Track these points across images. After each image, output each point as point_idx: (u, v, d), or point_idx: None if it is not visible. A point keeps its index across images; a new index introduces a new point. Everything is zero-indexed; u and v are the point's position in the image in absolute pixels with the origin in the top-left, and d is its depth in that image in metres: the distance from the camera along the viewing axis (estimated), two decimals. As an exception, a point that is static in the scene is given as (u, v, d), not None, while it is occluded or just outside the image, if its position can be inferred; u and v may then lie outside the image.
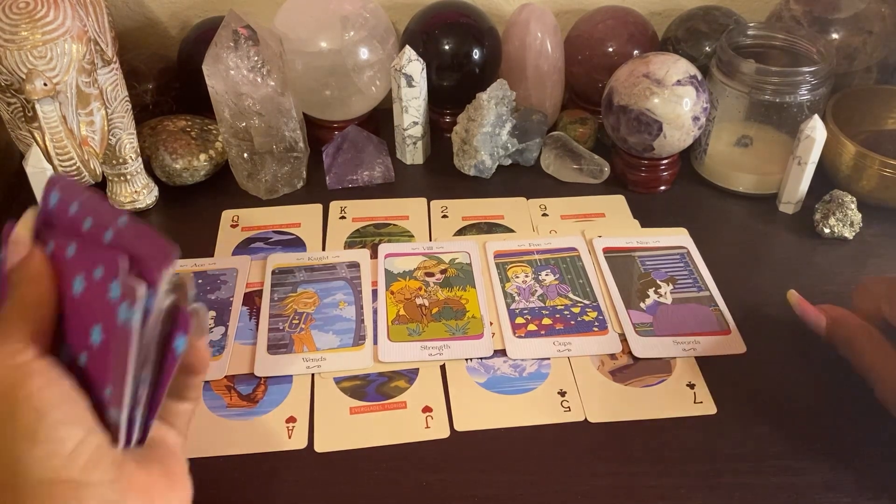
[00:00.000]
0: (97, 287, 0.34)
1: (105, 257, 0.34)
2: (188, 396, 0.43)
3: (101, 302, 0.34)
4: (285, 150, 0.71)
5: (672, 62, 0.68)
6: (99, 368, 0.35)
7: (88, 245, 0.35)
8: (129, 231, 0.35)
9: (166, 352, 0.36)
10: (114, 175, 0.69)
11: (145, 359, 0.35)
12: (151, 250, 0.34)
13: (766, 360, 0.58)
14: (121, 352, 0.34)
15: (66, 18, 0.55)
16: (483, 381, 0.56)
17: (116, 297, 0.33)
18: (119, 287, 0.33)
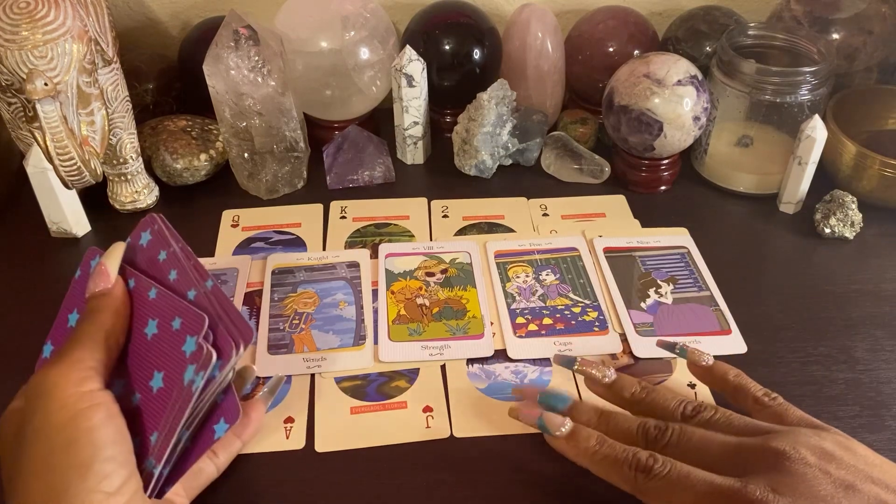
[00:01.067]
0: (172, 337, 0.36)
1: (188, 311, 0.35)
2: (219, 457, 0.45)
3: (173, 352, 0.35)
4: (286, 149, 0.71)
5: (672, 62, 0.68)
6: (151, 414, 0.36)
7: (171, 295, 0.37)
8: (215, 297, 0.37)
9: (206, 429, 0.38)
10: (114, 175, 0.69)
11: (192, 422, 0.37)
12: (233, 325, 0.36)
13: (767, 360, 0.58)
14: (177, 408, 0.35)
15: (67, 18, 0.55)
16: (484, 387, 0.56)
17: (189, 352, 0.34)
18: (195, 345, 0.34)
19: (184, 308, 0.35)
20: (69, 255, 0.67)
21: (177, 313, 0.36)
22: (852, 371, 0.57)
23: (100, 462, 0.34)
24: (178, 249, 0.40)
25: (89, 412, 0.35)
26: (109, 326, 0.39)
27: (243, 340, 0.35)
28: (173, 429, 0.35)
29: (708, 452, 0.42)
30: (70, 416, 0.35)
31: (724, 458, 0.42)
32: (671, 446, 0.44)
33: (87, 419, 0.35)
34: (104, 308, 0.39)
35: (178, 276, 0.38)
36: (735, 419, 0.45)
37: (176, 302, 0.36)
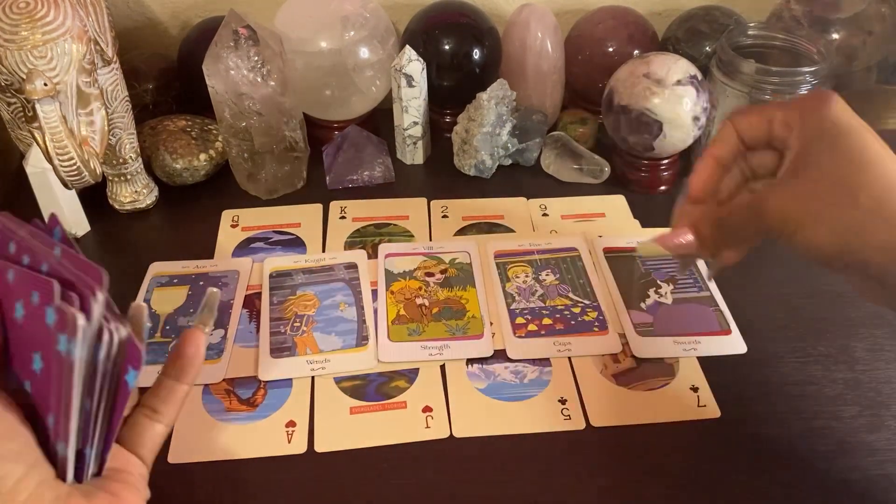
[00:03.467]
0: (35, 313, 0.33)
1: (39, 282, 0.33)
2: (164, 414, 0.40)
3: (41, 328, 0.33)
4: (285, 150, 0.71)
5: (672, 62, 0.68)
6: (42, 396, 0.34)
7: (24, 271, 0.35)
8: (66, 260, 0.35)
9: (120, 386, 0.35)
10: (114, 175, 0.69)
11: (96, 391, 0.34)
12: (82, 274, 0.34)
13: (767, 361, 0.58)
14: (63, 382, 0.33)
15: (67, 18, 0.55)
16: (483, 388, 0.56)
17: (52, 322, 0.32)
18: (55, 313, 0.32)
19: (35, 281, 0.33)
20: (69, 256, 0.67)
21: (33, 288, 0.34)
22: (852, 371, 0.57)
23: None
24: (26, 234, 0.38)
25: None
26: None
27: (96, 283, 0.33)
28: (68, 403, 0.33)
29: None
30: None
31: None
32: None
33: None
34: None
35: (30, 259, 0.36)
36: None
37: (28, 276, 0.34)
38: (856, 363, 0.57)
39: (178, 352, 0.40)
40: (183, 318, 0.60)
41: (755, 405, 0.54)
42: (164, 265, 0.65)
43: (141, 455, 0.40)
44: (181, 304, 0.61)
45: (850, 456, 0.51)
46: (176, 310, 0.61)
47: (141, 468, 0.39)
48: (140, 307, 0.40)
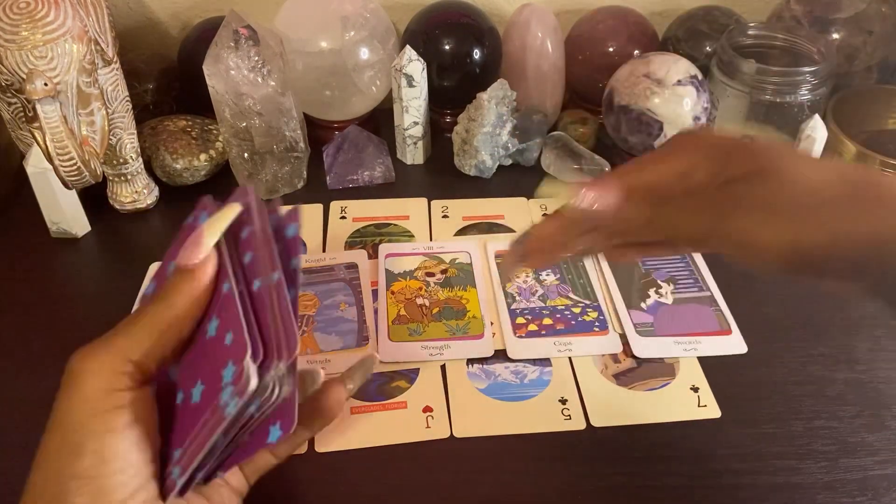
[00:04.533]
0: (220, 350, 0.32)
1: (238, 332, 0.32)
2: (278, 452, 0.41)
3: (215, 369, 0.32)
4: (286, 150, 0.71)
5: (672, 62, 0.68)
6: (184, 425, 0.34)
7: (235, 302, 0.33)
8: (276, 294, 0.33)
9: (262, 429, 0.35)
10: (114, 175, 0.69)
11: (231, 435, 0.34)
12: (283, 333, 0.32)
13: (768, 360, 0.58)
14: (207, 429, 0.33)
15: (67, 18, 0.55)
16: (484, 388, 0.56)
17: (228, 379, 0.31)
18: (232, 374, 0.31)
19: (238, 326, 0.32)
20: (69, 255, 0.67)
21: (230, 328, 0.32)
22: (852, 371, 0.57)
23: (104, 476, 0.32)
24: (259, 230, 0.36)
25: (110, 416, 0.32)
26: (179, 314, 0.34)
27: (287, 352, 0.32)
28: (200, 447, 0.33)
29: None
30: (87, 417, 0.32)
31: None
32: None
33: (105, 423, 0.32)
34: (181, 291, 0.34)
35: (251, 261, 0.34)
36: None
37: (236, 314, 0.32)
38: (856, 363, 0.57)
39: (317, 404, 0.40)
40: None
41: (755, 405, 0.54)
42: (164, 265, 0.65)
43: (245, 472, 0.41)
44: (181, 304, 0.61)
45: (850, 456, 0.51)
46: (176, 310, 0.61)
47: (241, 484, 0.40)
48: (371, 359, 0.41)
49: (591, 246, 0.44)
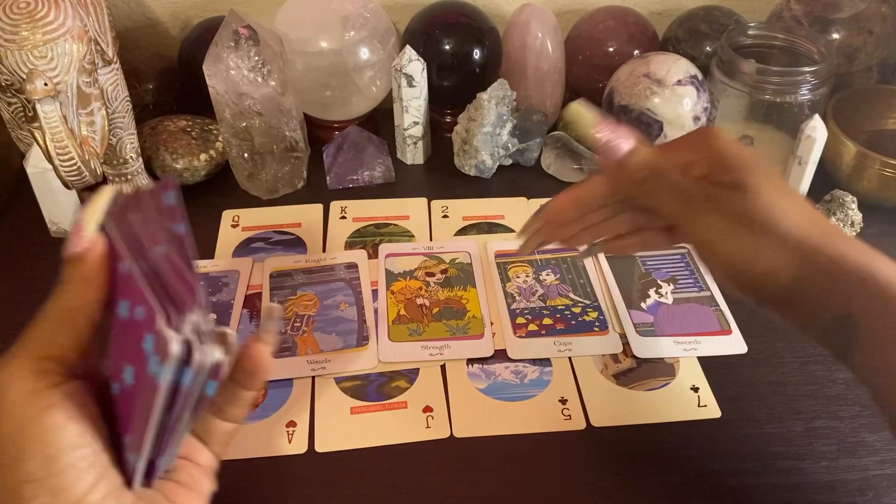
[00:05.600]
0: (136, 327, 0.32)
1: (145, 303, 0.32)
2: (231, 415, 0.40)
3: (137, 346, 0.32)
4: (286, 150, 0.71)
5: (672, 62, 0.68)
6: (125, 411, 0.34)
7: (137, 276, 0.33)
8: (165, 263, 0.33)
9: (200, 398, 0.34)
10: (115, 175, 0.69)
11: (176, 410, 0.33)
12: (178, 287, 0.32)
13: (767, 360, 0.58)
14: (146, 403, 0.32)
15: (67, 18, 0.55)
16: (484, 388, 0.56)
17: (150, 349, 0.31)
18: (153, 342, 0.31)
19: (143, 298, 0.32)
20: (69, 256, 0.67)
21: (138, 301, 0.32)
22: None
23: (55, 475, 0.31)
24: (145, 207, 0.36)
25: (43, 416, 0.31)
26: (79, 301, 0.33)
27: (192, 301, 0.31)
28: (146, 425, 0.32)
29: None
30: (19, 425, 0.31)
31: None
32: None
33: (40, 424, 0.31)
34: (73, 278, 0.34)
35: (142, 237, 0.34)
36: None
37: (139, 288, 0.32)
38: (856, 363, 0.57)
39: (239, 365, 0.39)
40: (183, 318, 0.60)
41: (755, 405, 0.55)
42: (164, 265, 0.65)
43: (210, 448, 0.40)
44: (181, 304, 0.61)
45: (850, 456, 0.51)
46: (176, 310, 0.61)
47: (210, 459, 0.39)
48: (272, 309, 0.40)
49: (600, 222, 0.48)
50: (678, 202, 0.42)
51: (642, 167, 0.43)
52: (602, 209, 0.48)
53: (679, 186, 0.42)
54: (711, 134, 0.42)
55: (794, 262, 0.39)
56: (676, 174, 0.42)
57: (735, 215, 0.40)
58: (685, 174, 0.42)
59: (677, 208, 0.42)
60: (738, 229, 0.40)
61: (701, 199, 0.41)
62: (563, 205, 0.48)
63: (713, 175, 0.41)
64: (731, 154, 0.41)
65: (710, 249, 0.42)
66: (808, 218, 0.40)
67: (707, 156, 0.41)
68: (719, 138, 0.42)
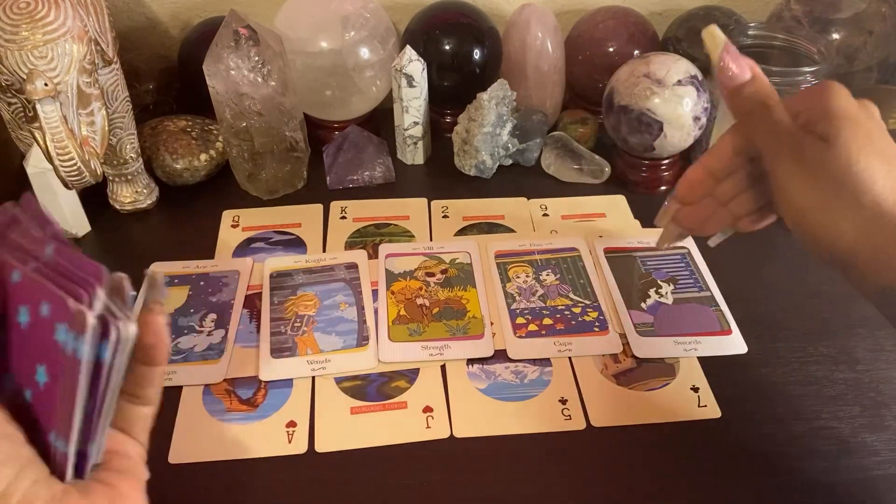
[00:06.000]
0: (43, 324, 0.32)
1: (51, 295, 0.32)
2: (145, 397, 0.38)
3: (47, 341, 0.32)
4: (286, 150, 0.71)
5: (672, 62, 0.68)
6: (44, 410, 0.33)
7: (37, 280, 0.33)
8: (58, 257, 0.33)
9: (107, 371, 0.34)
10: (115, 175, 0.69)
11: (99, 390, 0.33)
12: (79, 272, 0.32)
13: (767, 360, 0.58)
14: (70, 386, 0.32)
15: (67, 19, 0.55)
16: (484, 388, 0.56)
17: (63, 337, 0.31)
18: (65, 329, 0.31)
19: (48, 291, 0.32)
20: (69, 256, 0.67)
21: (42, 297, 0.32)
22: (852, 371, 0.57)
23: None
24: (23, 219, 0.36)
25: None
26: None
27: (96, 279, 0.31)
28: (72, 407, 0.32)
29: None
30: None
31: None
32: None
33: None
34: None
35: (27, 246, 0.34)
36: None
37: (39, 285, 0.32)
38: (856, 363, 0.57)
39: (139, 342, 0.37)
40: (184, 319, 0.60)
41: (755, 405, 0.55)
42: (164, 265, 0.65)
43: (134, 436, 0.38)
44: (182, 304, 0.61)
45: (850, 456, 0.51)
46: (176, 310, 0.61)
47: (137, 448, 0.38)
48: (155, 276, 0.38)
49: (734, 197, 0.48)
50: (772, 140, 0.43)
51: (754, 96, 0.44)
52: (733, 180, 0.47)
53: (778, 126, 0.43)
54: (830, 87, 0.43)
55: (861, 223, 0.40)
56: (781, 114, 0.43)
57: (814, 163, 0.41)
58: (791, 118, 0.43)
59: (769, 147, 0.43)
60: (812, 177, 0.41)
61: (791, 141, 0.42)
62: (697, 175, 0.48)
63: (811, 124, 0.42)
64: (836, 106, 0.41)
65: (784, 189, 0.42)
66: (887, 184, 0.40)
67: (815, 105, 0.42)
68: (835, 92, 0.42)
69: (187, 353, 0.58)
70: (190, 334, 0.59)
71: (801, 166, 0.41)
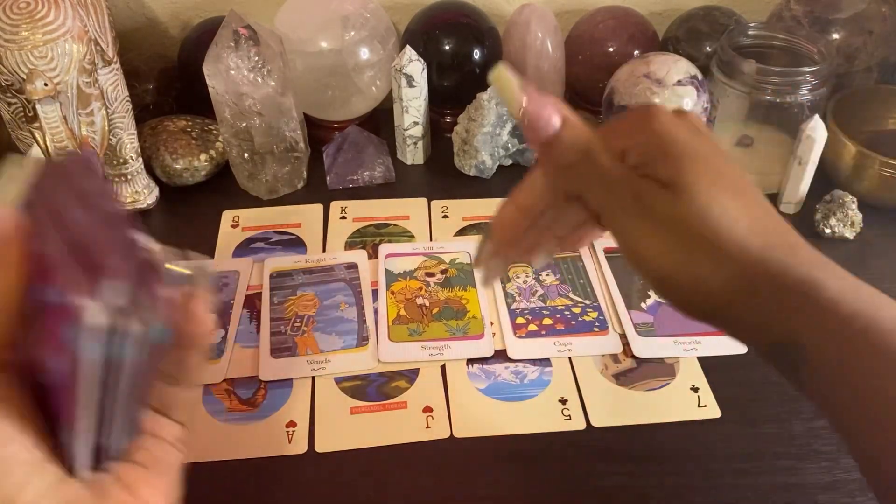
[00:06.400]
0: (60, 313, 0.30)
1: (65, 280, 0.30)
2: (183, 380, 0.36)
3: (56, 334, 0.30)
4: (286, 150, 0.71)
5: (672, 62, 0.68)
6: (61, 398, 0.32)
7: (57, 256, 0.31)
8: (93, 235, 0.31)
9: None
10: (115, 175, 0.69)
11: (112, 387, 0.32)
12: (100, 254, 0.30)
13: (767, 361, 0.58)
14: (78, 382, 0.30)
15: (67, 19, 0.55)
16: (484, 388, 0.56)
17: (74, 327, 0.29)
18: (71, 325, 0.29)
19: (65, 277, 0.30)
20: (69, 256, 0.67)
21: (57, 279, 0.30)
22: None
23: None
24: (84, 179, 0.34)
25: None
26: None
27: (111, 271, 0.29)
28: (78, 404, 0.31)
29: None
30: None
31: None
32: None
33: None
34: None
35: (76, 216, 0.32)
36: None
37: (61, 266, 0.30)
38: (856, 363, 0.57)
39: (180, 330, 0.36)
40: (183, 319, 0.60)
41: (755, 405, 0.54)
42: (164, 265, 0.65)
43: (173, 417, 0.37)
44: (181, 304, 0.61)
45: (850, 456, 0.51)
46: (176, 310, 0.61)
47: (174, 429, 0.37)
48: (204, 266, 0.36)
49: (554, 222, 0.41)
50: (604, 193, 0.36)
51: (572, 149, 0.36)
52: (552, 211, 0.41)
53: (608, 176, 0.35)
54: (654, 114, 0.36)
55: (729, 274, 0.33)
56: (608, 160, 0.36)
57: (663, 218, 0.34)
58: (619, 160, 0.36)
59: (603, 200, 0.36)
60: (664, 234, 0.34)
61: (628, 192, 0.35)
62: (511, 218, 0.41)
63: (646, 166, 0.35)
64: (670, 142, 0.35)
65: (634, 251, 0.36)
66: (750, 225, 0.34)
67: (644, 141, 0.35)
68: (662, 121, 0.35)
69: (187, 353, 0.58)
70: (190, 334, 0.59)
71: (648, 222, 0.35)
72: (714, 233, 0.33)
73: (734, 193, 0.34)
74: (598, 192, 0.36)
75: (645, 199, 0.35)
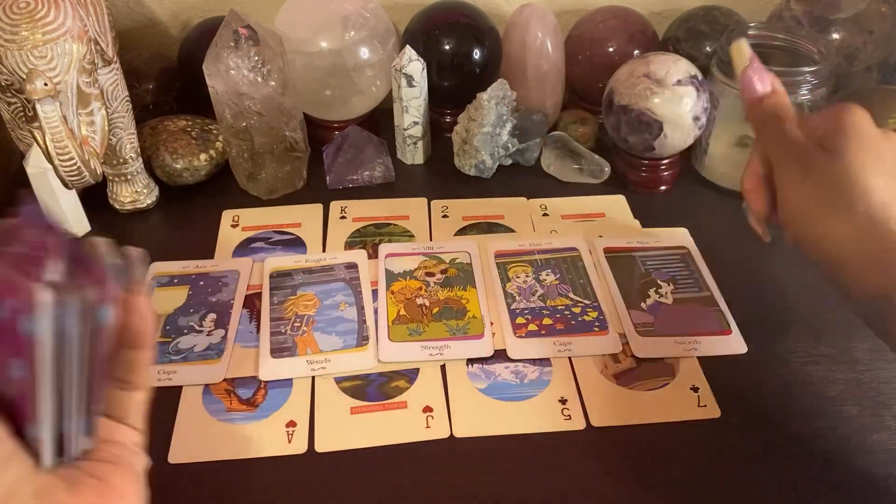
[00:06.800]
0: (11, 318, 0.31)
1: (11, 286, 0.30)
2: (136, 383, 0.36)
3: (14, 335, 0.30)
4: (286, 150, 0.71)
5: (672, 62, 0.68)
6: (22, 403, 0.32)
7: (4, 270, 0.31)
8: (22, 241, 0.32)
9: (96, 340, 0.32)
10: (115, 175, 0.69)
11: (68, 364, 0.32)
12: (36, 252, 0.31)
13: (767, 360, 0.58)
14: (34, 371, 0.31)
15: (67, 18, 0.55)
16: (484, 388, 0.56)
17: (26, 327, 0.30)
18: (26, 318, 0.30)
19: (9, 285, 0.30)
20: (69, 256, 0.67)
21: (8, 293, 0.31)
22: (852, 371, 0.57)
23: None
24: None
25: None
26: None
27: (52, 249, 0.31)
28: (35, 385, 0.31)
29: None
30: None
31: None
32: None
33: None
34: None
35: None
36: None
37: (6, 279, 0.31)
38: (857, 363, 0.57)
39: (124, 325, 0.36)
40: (183, 318, 0.60)
41: (755, 405, 0.54)
42: (164, 265, 0.65)
43: (129, 423, 0.37)
44: (181, 303, 0.61)
45: (851, 456, 0.51)
46: (176, 310, 0.61)
47: (132, 435, 0.37)
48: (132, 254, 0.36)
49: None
50: (780, 150, 0.45)
51: (769, 111, 0.47)
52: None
53: (788, 137, 0.45)
54: (850, 108, 0.44)
55: (852, 231, 0.41)
56: (792, 127, 0.45)
57: (815, 173, 0.42)
58: (807, 134, 0.44)
59: (776, 155, 0.45)
60: (811, 185, 0.42)
61: (797, 150, 0.44)
62: (750, 184, 0.49)
63: (824, 139, 0.43)
64: (850, 123, 0.43)
65: (781, 195, 0.44)
66: (888, 202, 0.41)
67: (830, 124, 0.43)
68: (853, 112, 0.43)
69: (187, 353, 0.58)
70: (189, 334, 0.59)
71: (802, 173, 0.43)
72: (850, 191, 0.41)
73: (889, 177, 0.41)
74: (775, 148, 0.46)
75: (809, 158, 0.43)
